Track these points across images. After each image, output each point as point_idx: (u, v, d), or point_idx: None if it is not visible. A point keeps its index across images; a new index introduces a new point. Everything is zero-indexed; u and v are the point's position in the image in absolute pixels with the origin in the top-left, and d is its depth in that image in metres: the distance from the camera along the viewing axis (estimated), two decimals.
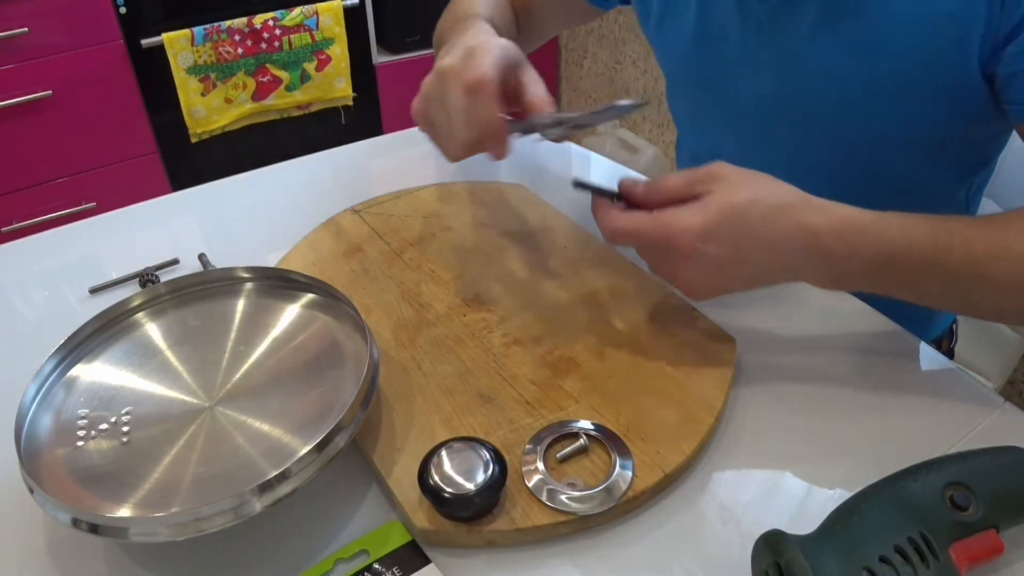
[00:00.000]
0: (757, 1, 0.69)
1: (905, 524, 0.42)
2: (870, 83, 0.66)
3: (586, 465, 0.50)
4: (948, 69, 0.62)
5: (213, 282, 0.62)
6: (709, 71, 0.78)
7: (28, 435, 0.50)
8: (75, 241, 0.80)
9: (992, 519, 0.43)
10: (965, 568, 0.41)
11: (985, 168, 0.77)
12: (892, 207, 0.74)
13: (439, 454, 0.47)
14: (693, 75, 0.81)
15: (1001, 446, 0.46)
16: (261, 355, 0.56)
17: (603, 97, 2.52)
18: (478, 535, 0.46)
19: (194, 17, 1.88)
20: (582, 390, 0.55)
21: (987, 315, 0.59)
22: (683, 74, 0.83)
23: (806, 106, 0.71)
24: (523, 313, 0.63)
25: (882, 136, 0.69)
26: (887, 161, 0.71)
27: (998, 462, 0.45)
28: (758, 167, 0.79)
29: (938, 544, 0.41)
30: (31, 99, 1.76)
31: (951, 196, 0.77)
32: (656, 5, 0.80)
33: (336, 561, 0.46)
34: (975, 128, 0.68)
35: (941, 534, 0.41)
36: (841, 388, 0.57)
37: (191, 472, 0.47)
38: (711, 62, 0.77)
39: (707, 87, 0.80)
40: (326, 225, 0.76)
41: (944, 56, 0.61)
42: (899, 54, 0.63)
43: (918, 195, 0.75)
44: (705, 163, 0.86)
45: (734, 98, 0.77)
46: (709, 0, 0.74)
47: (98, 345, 0.57)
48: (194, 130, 1.98)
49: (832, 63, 0.67)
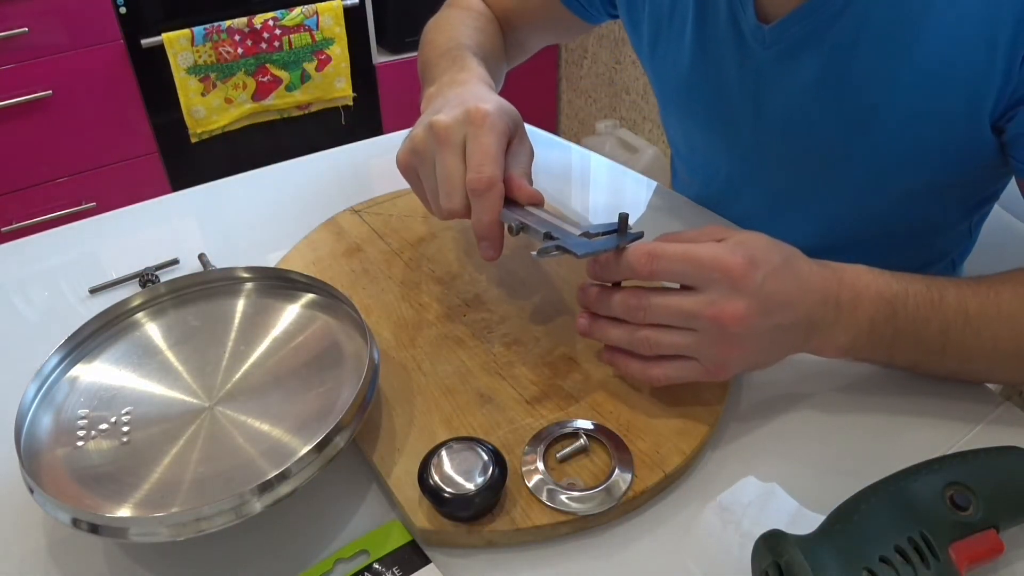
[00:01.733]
0: (759, 46, 0.66)
1: (905, 524, 0.42)
2: (875, 141, 0.64)
3: (586, 465, 0.50)
4: (958, 127, 0.60)
5: (213, 282, 0.62)
6: (705, 103, 0.75)
7: (28, 435, 0.50)
8: (75, 241, 0.80)
9: (992, 519, 0.43)
10: (965, 568, 0.41)
11: (989, 203, 0.76)
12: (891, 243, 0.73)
13: (439, 454, 0.47)
14: (687, 104, 0.78)
15: (1001, 446, 0.46)
16: (261, 355, 0.56)
17: (603, 97, 2.52)
18: (478, 535, 0.46)
19: (194, 17, 1.88)
20: (582, 390, 0.55)
21: (981, 376, 0.57)
22: (677, 101, 0.80)
23: (805, 151, 0.69)
24: (523, 313, 0.63)
25: (884, 183, 0.67)
26: (888, 204, 0.70)
27: (998, 462, 0.45)
28: (751, 198, 0.78)
29: (938, 544, 0.41)
30: (31, 99, 1.76)
31: (952, 229, 0.76)
32: (647, 30, 0.77)
33: (336, 561, 0.46)
34: (981, 172, 0.66)
35: (941, 534, 0.41)
36: (842, 388, 0.57)
37: (191, 472, 0.47)
38: (707, 94, 0.74)
39: (702, 118, 0.77)
40: (326, 225, 0.76)
41: (955, 116, 0.59)
42: (907, 117, 0.61)
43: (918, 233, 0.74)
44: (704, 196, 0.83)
45: (730, 131, 0.74)
46: (706, 32, 0.70)
47: (98, 345, 0.57)
48: (194, 130, 1.98)
49: (834, 119, 0.65)
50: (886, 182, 0.67)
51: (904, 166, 0.65)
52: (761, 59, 0.67)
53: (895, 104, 0.61)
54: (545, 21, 0.89)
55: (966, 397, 0.56)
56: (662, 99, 0.83)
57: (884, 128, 0.63)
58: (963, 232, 0.77)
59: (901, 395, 0.56)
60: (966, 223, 0.76)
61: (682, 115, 0.81)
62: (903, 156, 0.64)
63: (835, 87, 0.64)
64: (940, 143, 0.62)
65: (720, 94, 0.72)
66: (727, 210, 0.80)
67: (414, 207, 0.78)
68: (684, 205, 0.82)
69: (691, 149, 0.85)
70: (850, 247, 0.71)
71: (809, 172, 0.71)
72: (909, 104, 0.61)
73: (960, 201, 0.73)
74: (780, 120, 0.69)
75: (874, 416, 0.55)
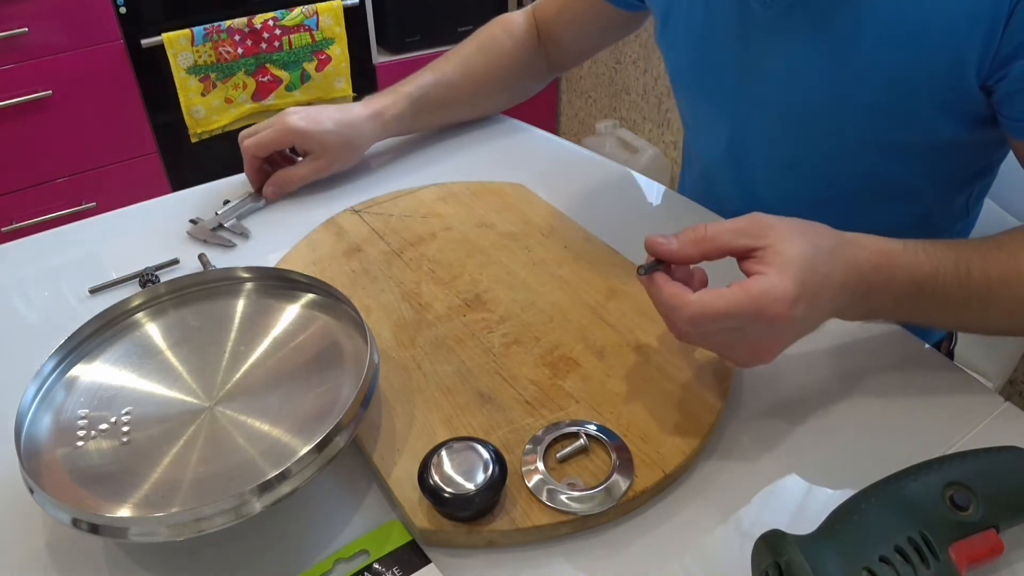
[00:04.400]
0: (760, 6, 0.69)
1: (905, 524, 0.41)
2: (865, 92, 0.66)
3: (586, 465, 0.50)
4: (945, 83, 0.61)
5: (213, 282, 0.62)
6: (711, 71, 0.78)
7: (28, 435, 0.50)
8: (75, 241, 0.80)
9: (992, 519, 0.43)
10: (965, 568, 0.41)
11: (986, 176, 0.77)
12: (890, 213, 0.74)
13: (439, 454, 0.47)
14: (697, 77, 0.81)
15: (1001, 446, 0.46)
16: (261, 355, 0.56)
17: (603, 97, 2.52)
18: (478, 535, 0.46)
19: (194, 17, 1.88)
20: (582, 390, 0.55)
21: (994, 332, 0.61)
22: (688, 76, 0.84)
23: (804, 111, 0.71)
24: (523, 313, 0.63)
25: (880, 141, 0.69)
26: (886, 167, 0.71)
27: (998, 462, 0.45)
28: (759, 169, 0.80)
29: (938, 544, 0.41)
30: (31, 99, 1.76)
31: (950, 202, 0.77)
32: (659, 6, 0.81)
33: (336, 561, 0.46)
34: (974, 135, 0.67)
35: (941, 534, 0.41)
36: (841, 388, 0.57)
37: (191, 472, 0.47)
38: (714, 63, 0.77)
39: (711, 90, 0.80)
40: (326, 225, 0.76)
41: (940, 71, 0.61)
42: (894, 68, 0.63)
43: (918, 202, 0.75)
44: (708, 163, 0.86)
45: (735, 96, 0.77)
46: (714, 5, 0.74)
47: (98, 345, 0.57)
48: (194, 130, 1.98)
49: (828, 71, 0.67)
50: (879, 139, 0.69)
51: (896, 123, 0.66)
52: (762, 19, 0.70)
53: (882, 60, 0.63)
54: (588, 21, 0.95)
55: (966, 397, 0.56)
56: (674, 75, 0.86)
57: (874, 84, 0.65)
58: (960, 208, 0.78)
59: (901, 395, 0.56)
60: (963, 197, 0.77)
61: (690, 85, 0.84)
62: (894, 112, 0.65)
63: (828, 42, 0.66)
64: (928, 100, 0.63)
65: (725, 61, 0.75)
66: (734, 176, 0.82)
67: (414, 207, 0.78)
68: (684, 206, 0.82)
69: (696, 119, 0.88)
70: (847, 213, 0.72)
71: (808, 133, 0.73)
72: (895, 59, 0.62)
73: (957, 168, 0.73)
74: (780, 80, 0.71)
75: (874, 416, 0.55)
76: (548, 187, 0.82)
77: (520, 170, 0.87)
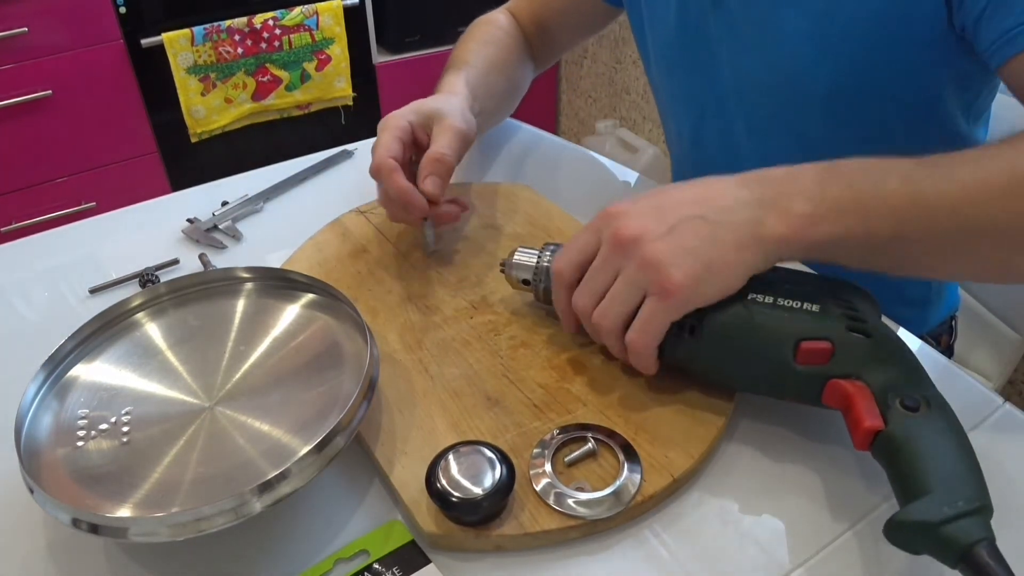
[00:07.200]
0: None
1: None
2: (838, 42, 0.67)
3: (594, 469, 0.49)
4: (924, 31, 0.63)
5: (213, 282, 0.61)
6: (692, 52, 0.80)
7: (28, 435, 0.49)
8: (75, 241, 0.79)
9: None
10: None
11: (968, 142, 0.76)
12: None
13: (446, 458, 0.47)
14: (677, 58, 0.83)
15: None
16: (261, 355, 0.55)
17: (603, 97, 2.52)
18: (486, 539, 0.45)
19: (194, 17, 1.88)
20: (590, 393, 0.55)
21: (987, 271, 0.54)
22: (668, 58, 0.85)
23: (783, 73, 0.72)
24: (530, 315, 0.62)
25: (862, 95, 0.69)
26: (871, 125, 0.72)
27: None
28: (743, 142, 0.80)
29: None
30: (31, 99, 1.76)
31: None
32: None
33: (336, 561, 0.45)
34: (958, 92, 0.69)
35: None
36: None
37: (191, 472, 0.47)
38: (694, 43, 0.78)
39: (691, 68, 0.81)
40: (332, 226, 0.76)
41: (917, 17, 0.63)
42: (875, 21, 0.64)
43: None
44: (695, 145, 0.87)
45: (714, 64, 0.78)
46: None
47: (98, 345, 0.57)
48: (194, 130, 1.98)
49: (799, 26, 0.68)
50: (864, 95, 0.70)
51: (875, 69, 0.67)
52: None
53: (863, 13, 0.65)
54: (573, 14, 0.96)
55: (966, 397, 0.55)
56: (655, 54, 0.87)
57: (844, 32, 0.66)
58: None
59: None
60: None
61: (672, 71, 0.86)
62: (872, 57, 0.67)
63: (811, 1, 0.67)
64: (903, 40, 0.65)
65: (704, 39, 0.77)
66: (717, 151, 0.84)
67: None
68: None
69: (678, 108, 0.89)
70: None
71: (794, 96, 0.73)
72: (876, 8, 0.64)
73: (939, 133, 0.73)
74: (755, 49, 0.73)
75: None
76: (548, 187, 0.81)
77: (520, 170, 0.86)
